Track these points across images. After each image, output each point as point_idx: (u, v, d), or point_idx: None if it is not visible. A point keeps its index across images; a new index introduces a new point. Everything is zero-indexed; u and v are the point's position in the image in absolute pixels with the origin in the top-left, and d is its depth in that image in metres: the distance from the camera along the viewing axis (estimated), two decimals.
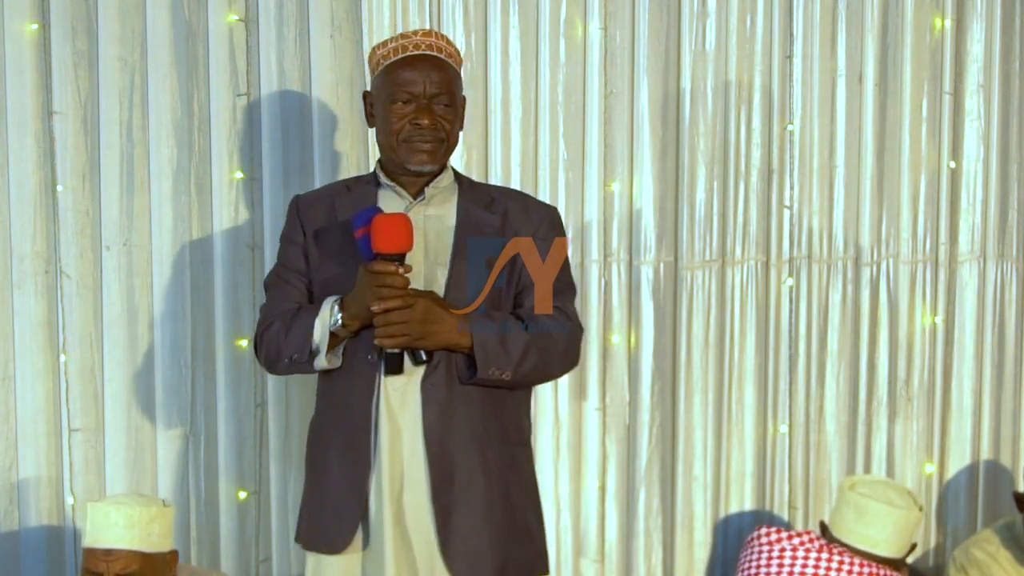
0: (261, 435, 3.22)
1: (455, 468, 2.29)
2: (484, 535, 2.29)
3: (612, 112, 3.31)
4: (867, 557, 2.73)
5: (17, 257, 3.14)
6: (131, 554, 2.52)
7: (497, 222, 2.39)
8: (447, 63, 2.38)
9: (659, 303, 3.34)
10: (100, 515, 2.53)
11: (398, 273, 2.20)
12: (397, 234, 2.19)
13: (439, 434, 2.28)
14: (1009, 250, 3.45)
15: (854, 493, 2.84)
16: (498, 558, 2.30)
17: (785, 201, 3.38)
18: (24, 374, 3.15)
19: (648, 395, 3.35)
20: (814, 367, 3.41)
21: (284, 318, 2.36)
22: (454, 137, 2.40)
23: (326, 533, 2.34)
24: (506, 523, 2.33)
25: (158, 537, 2.56)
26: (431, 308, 2.23)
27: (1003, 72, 3.41)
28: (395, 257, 2.20)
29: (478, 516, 2.29)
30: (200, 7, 3.15)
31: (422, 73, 2.33)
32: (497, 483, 2.33)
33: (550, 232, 2.44)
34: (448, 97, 2.35)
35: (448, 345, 2.27)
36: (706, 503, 3.40)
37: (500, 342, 2.28)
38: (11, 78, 3.11)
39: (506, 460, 2.36)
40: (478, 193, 2.45)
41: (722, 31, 3.32)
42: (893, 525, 2.77)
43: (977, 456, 3.47)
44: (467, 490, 2.29)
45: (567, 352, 2.39)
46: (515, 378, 2.31)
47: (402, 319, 2.21)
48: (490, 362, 2.27)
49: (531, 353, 2.30)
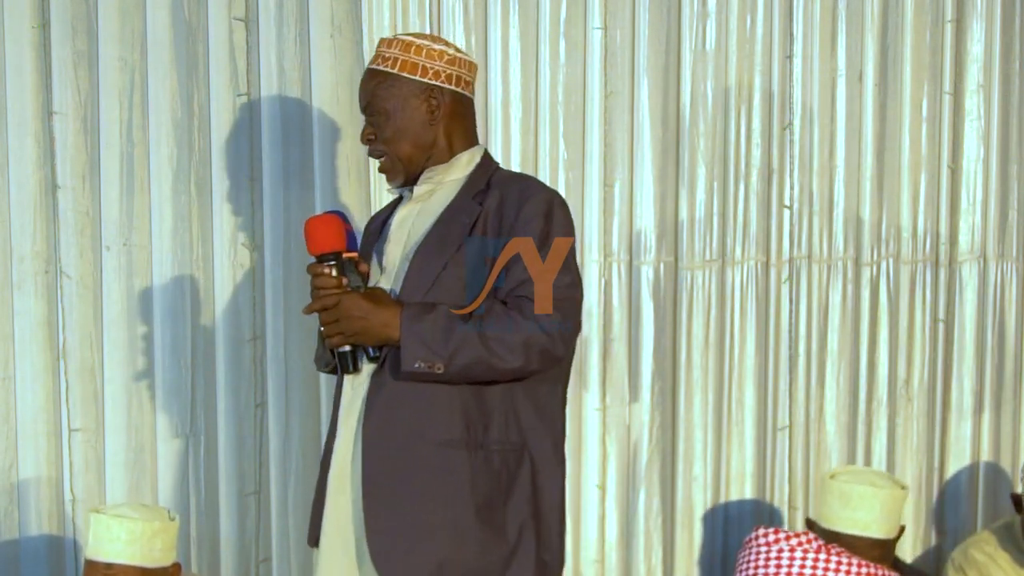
0: (261, 435, 3.22)
1: (386, 468, 2.21)
2: (411, 536, 2.19)
3: (612, 112, 3.31)
4: (859, 542, 2.73)
5: (17, 257, 3.14)
6: (132, 569, 2.51)
7: (477, 210, 2.27)
8: (378, 71, 2.32)
9: (659, 303, 3.34)
10: (103, 527, 2.52)
11: (323, 273, 2.21)
12: (320, 234, 2.23)
13: (376, 434, 2.22)
14: (1009, 250, 3.45)
15: (836, 481, 2.85)
16: (430, 561, 2.18)
17: (785, 201, 3.38)
18: (24, 374, 3.15)
19: (648, 395, 3.35)
20: (814, 367, 3.41)
21: None
22: (401, 140, 2.30)
23: (312, 527, 2.37)
24: (442, 525, 2.19)
25: (160, 552, 2.55)
26: (356, 304, 2.18)
27: (1003, 72, 3.40)
28: (329, 256, 2.22)
29: (407, 516, 2.19)
30: (200, 7, 3.15)
31: (361, 90, 2.36)
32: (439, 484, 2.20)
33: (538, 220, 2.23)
34: (370, 106, 2.32)
35: (380, 339, 2.21)
36: (706, 503, 3.40)
37: (432, 333, 2.16)
38: (11, 78, 3.11)
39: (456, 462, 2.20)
40: (480, 182, 2.33)
41: (722, 31, 3.32)
42: (880, 505, 2.78)
43: (977, 456, 3.47)
44: (395, 492, 2.20)
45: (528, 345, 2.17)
46: (450, 371, 2.16)
47: (332, 318, 2.20)
48: (416, 354, 2.15)
49: (471, 345, 2.15)
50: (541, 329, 2.18)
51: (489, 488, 2.23)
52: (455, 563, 2.19)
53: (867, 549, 2.75)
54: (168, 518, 2.60)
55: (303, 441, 3.21)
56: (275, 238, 3.17)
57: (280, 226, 3.17)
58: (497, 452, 2.24)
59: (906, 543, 3.43)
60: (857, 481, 2.84)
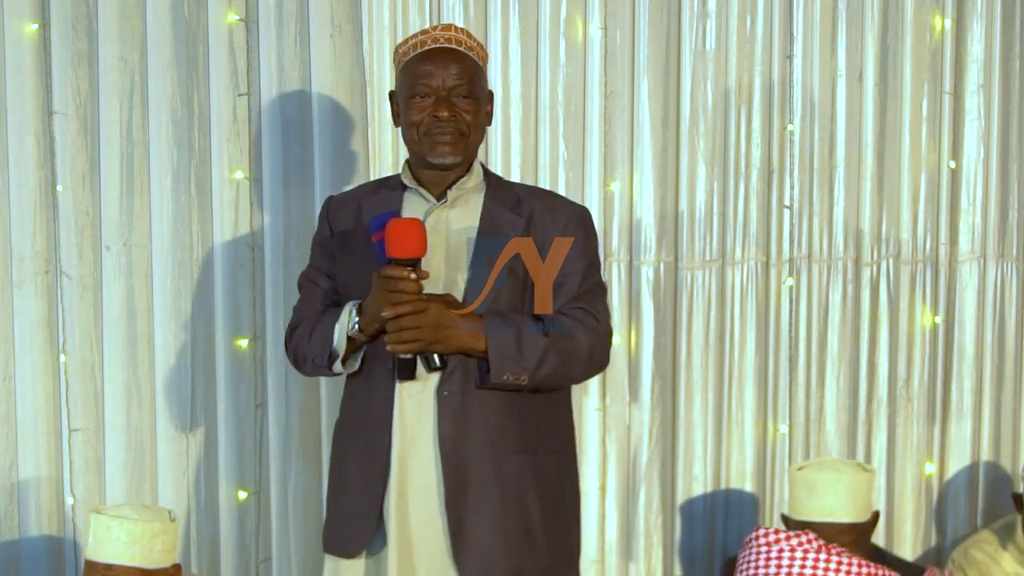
0: (261, 435, 3.22)
1: (469, 476, 2.27)
2: (496, 543, 2.26)
3: (612, 112, 3.31)
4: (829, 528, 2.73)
5: (17, 257, 3.14)
6: (132, 570, 2.51)
7: (522, 224, 2.35)
8: (467, 55, 2.35)
9: (659, 303, 3.34)
10: (103, 528, 2.52)
11: (410, 278, 2.18)
12: (409, 239, 2.18)
13: (453, 442, 2.26)
14: (1009, 250, 3.45)
15: (802, 473, 2.86)
16: (511, 565, 2.27)
17: (785, 201, 3.38)
18: (24, 374, 3.15)
19: (648, 395, 3.35)
20: (814, 367, 3.41)
21: (309, 320, 2.38)
22: (477, 131, 2.36)
23: (343, 537, 2.34)
24: (520, 531, 2.29)
25: (160, 553, 2.55)
26: (443, 312, 2.21)
27: (1003, 72, 3.41)
28: (408, 262, 2.19)
29: (490, 524, 2.26)
30: (200, 7, 3.15)
31: (439, 66, 2.31)
32: (512, 491, 2.29)
33: (578, 231, 2.38)
34: (467, 88, 2.32)
35: (462, 349, 2.25)
36: (706, 503, 3.40)
37: (516, 345, 2.24)
38: (11, 78, 3.10)
39: (524, 468, 2.31)
40: (505, 193, 2.41)
41: (722, 31, 3.32)
42: (845, 489, 2.78)
43: (977, 456, 3.47)
44: (480, 498, 2.27)
45: (592, 355, 2.33)
46: (532, 382, 2.27)
47: (413, 324, 2.19)
48: (505, 366, 2.24)
49: (550, 356, 2.26)
50: (600, 339, 2.34)
51: (548, 491, 2.34)
52: (534, 570, 2.30)
53: (838, 535, 2.74)
54: (168, 519, 2.60)
55: (303, 441, 3.21)
56: (275, 238, 3.17)
57: (280, 226, 3.17)
58: (544, 454, 2.35)
59: (906, 543, 3.44)
60: (821, 469, 2.86)
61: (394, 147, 3.21)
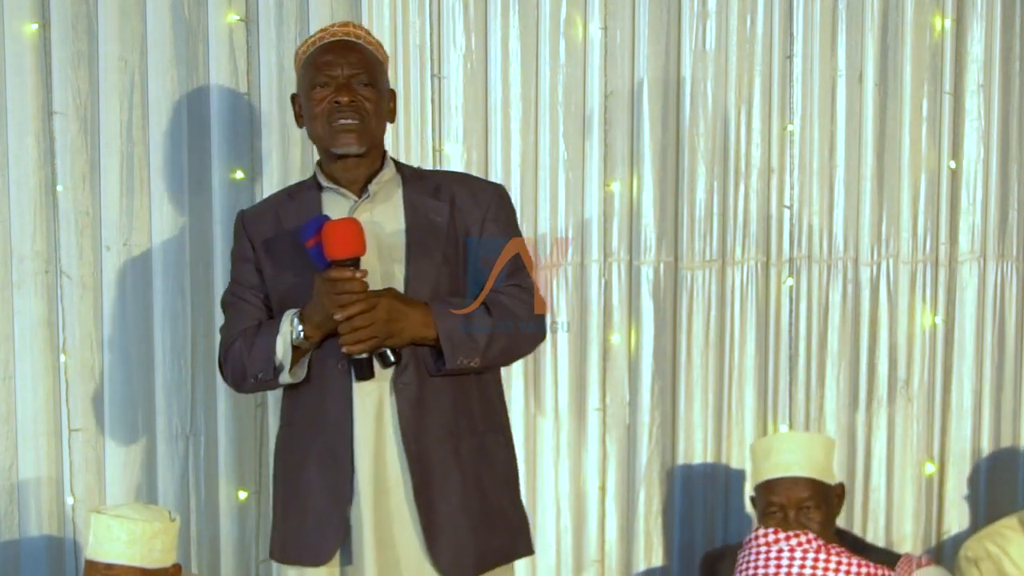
0: (261, 435, 3.22)
1: (432, 465, 2.28)
2: (464, 528, 2.29)
3: (612, 112, 3.31)
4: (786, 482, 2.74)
5: (17, 257, 3.14)
6: (132, 570, 2.51)
7: (446, 209, 2.37)
8: (366, 48, 2.37)
9: (659, 303, 3.35)
10: (103, 528, 2.52)
11: (355, 278, 2.18)
12: (348, 239, 2.18)
13: (415, 434, 2.27)
14: (1009, 250, 3.44)
15: (758, 442, 2.92)
16: (478, 548, 2.31)
17: (785, 201, 3.38)
18: (24, 374, 3.15)
19: (648, 395, 3.35)
20: (814, 367, 3.41)
21: (245, 337, 2.35)
22: (379, 120, 2.36)
23: (310, 545, 2.32)
24: (482, 513, 2.33)
25: (160, 553, 2.55)
26: (394, 306, 2.22)
27: (1003, 72, 3.40)
28: (350, 262, 2.19)
29: (457, 509, 2.29)
30: (200, 7, 3.15)
31: (339, 55, 2.33)
32: (471, 474, 2.32)
33: (500, 211, 2.42)
34: (368, 76, 2.33)
35: (415, 340, 2.26)
36: (706, 503, 3.40)
37: (466, 329, 2.27)
38: (11, 78, 3.11)
39: (477, 450, 2.35)
40: (423, 181, 2.43)
41: (722, 31, 3.32)
42: (799, 447, 2.80)
43: (977, 456, 3.47)
44: (445, 486, 2.29)
45: (533, 329, 2.39)
46: (483, 363, 2.31)
47: (366, 323, 2.19)
48: (458, 352, 2.26)
49: (497, 335, 2.30)
50: (535, 316, 2.39)
51: (500, 470, 2.41)
52: (498, 549, 2.36)
53: (795, 488, 2.74)
54: (169, 519, 2.60)
55: None
56: None
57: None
58: (491, 434, 2.40)
59: (906, 543, 3.44)
60: (777, 435, 3.00)
61: (394, 147, 3.21)
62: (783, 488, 2.75)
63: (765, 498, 2.80)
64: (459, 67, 3.24)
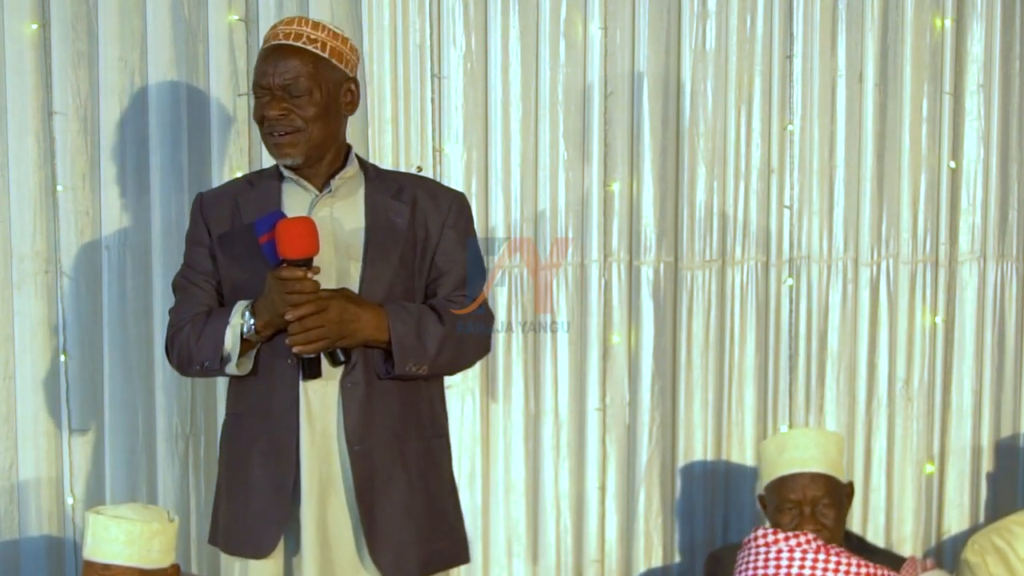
0: None
1: (376, 467, 2.28)
2: (408, 530, 2.29)
3: (612, 112, 3.31)
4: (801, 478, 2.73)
5: (17, 257, 3.14)
6: (130, 570, 2.51)
7: (407, 211, 2.35)
8: (304, 49, 2.28)
9: (659, 303, 3.35)
10: (101, 528, 2.52)
11: (306, 278, 2.17)
12: (301, 239, 2.15)
13: (360, 434, 2.27)
14: (1009, 250, 3.45)
15: (768, 441, 2.92)
16: (423, 551, 2.31)
17: (785, 201, 3.38)
18: (24, 374, 3.15)
19: (648, 395, 3.36)
20: (814, 367, 3.41)
21: (194, 323, 2.32)
22: (319, 124, 2.28)
23: (252, 538, 2.32)
24: (427, 516, 2.33)
25: (158, 553, 2.55)
26: (345, 307, 2.20)
27: (1003, 72, 3.41)
28: (302, 262, 2.16)
29: (400, 511, 2.29)
30: (200, 7, 3.15)
31: (271, 64, 2.27)
32: (417, 477, 2.32)
33: (459, 219, 2.41)
34: (306, 83, 2.26)
35: (366, 342, 2.25)
36: (706, 503, 3.41)
37: (417, 336, 2.26)
38: (11, 78, 3.11)
39: (424, 454, 2.35)
40: (385, 182, 2.41)
41: (722, 31, 3.32)
42: (813, 443, 2.79)
43: (977, 456, 3.47)
44: (388, 488, 2.28)
45: (480, 341, 2.39)
46: (431, 371, 2.31)
47: (317, 324, 2.17)
48: (408, 358, 2.26)
49: (447, 346, 2.30)
50: (485, 324, 2.41)
51: (444, 475, 2.43)
52: (442, 553, 2.37)
53: (812, 485, 2.73)
54: (167, 519, 2.60)
55: None
56: None
57: None
58: (435, 440, 2.41)
59: (906, 543, 3.44)
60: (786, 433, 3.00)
61: (394, 147, 3.22)
62: (799, 484, 2.74)
63: (779, 495, 2.78)
64: (459, 67, 3.24)
